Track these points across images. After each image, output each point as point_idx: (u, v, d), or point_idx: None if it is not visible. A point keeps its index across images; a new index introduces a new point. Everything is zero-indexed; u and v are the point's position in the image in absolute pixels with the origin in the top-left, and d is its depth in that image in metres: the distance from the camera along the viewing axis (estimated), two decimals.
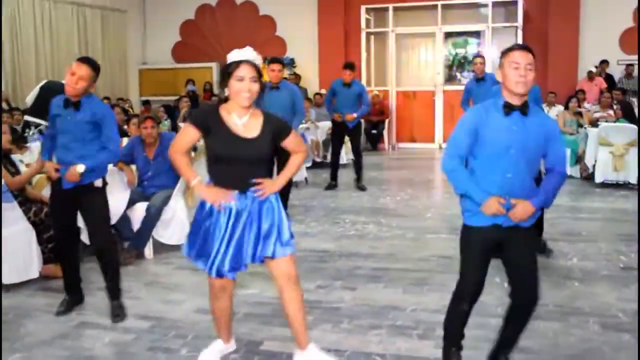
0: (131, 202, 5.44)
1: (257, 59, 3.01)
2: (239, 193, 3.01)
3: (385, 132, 13.16)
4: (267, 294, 4.51)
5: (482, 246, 3.02)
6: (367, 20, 13.46)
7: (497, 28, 13.03)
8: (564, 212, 6.72)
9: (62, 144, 3.99)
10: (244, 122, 3.02)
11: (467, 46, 14.03)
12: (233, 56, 2.99)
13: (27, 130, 6.48)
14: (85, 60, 3.91)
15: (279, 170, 6.18)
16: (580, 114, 9.93)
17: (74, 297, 4.28)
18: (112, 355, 3.54)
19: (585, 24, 12.64)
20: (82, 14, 13.27)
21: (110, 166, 5.62)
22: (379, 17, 13.83)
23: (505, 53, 2.95)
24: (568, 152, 7.99)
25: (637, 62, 12.37)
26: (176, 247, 5.55)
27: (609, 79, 12.18)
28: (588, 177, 8.70)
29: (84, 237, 5.31)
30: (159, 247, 5.51)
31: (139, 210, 5.41)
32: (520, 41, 12.55)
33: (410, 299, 4.34)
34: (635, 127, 8.22)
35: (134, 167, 5.70)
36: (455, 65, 14.09)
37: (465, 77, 14.03)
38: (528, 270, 3.03)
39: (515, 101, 2.90)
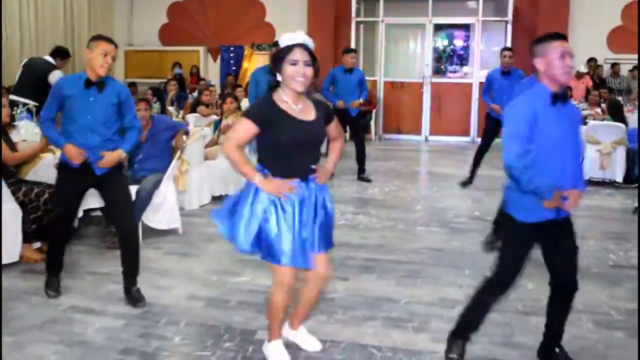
0: None
1: (310, 42, 2.91)
2: (301, 181, 2.94)
3: (372, 122, 13.11)
4: (259, 282, 4.47)
5: (530, 243, 3.06)
6: (357, 9, 13.37)
7: (487, 22, 13.03)
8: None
9: (83, 126, 3.82)
10: (300, 108, 2.96)
11: (452, 40, 14.01)
12: (286, 39, 2.89)
13: (14, 108, 6.33)
14: (111, 40, 3.83)
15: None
16: None
17: (58, 278, 4.19)
18: (103, 341, 3.47)
19: (574, 22, 12.67)
20: None
21: None
22: (369, 7, 13.75)
23: (545, 41, 2.93)
24: None
25: (623, 61, 12.49)
26: (165, 232, 5.49)
27: (598, 77, 12.24)
28: None
29: None
30: (148, 232, 5.42)
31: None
32: (509, 36, 12.60)
33: (404, 291, 4.32)
34: (623, 125, 8.28)
35: None
36: (445, 58, 14.06)
37: (452, 71, 14.05)
38: (570, 259, 3.10)
39: (559, 90, 2.93)
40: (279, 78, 2.92)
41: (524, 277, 4.61)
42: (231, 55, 14.50)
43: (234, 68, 14.36)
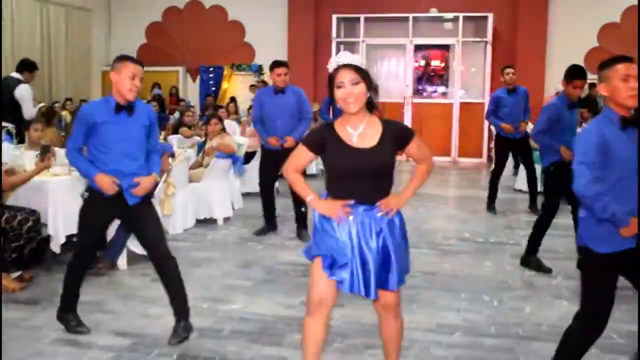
0: None
1: (356, 60, 2.78)
2: (357, 204, 2.80)
3: None
4: (250, 309, 4.34)
5: (614, 273, 2.92)
6: (338, 30, 13.38)
7: (467, 42, 13.13)
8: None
9: (119, 152, 3.63)
10: (360, 132, 2.81)
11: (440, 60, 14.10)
12: (331, 64, 2.80)
13: None
14: (138, 60, 3.67)
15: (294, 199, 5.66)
16: None
17: (76, 313, 3.95)
18: None
19: (552, 43, 12.85)
20: (45, 10, 12.83)
21: None
22: (349, 27, 13.78)
23: (608, 66, 2.86)
24: (538, 168, 7.99)
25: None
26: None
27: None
28: None
29: (53, 246, 5.06)
30: (133, 258, 5.25)
31: None
32: (489, 57, 12.70)
33: None
34: None
35: None
36: (425, 78, 14.13)
37: (432, 91, 14.11)
38: None
39: (628, 114, 2.86)
40: (339, 105, 2.82)
41: (522, 301, 4.60)
42: (210, 75, 14.41)
43: (213, 88, 14.25)
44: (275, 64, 6.27)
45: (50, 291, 4.60)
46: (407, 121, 13.29)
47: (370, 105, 2.83)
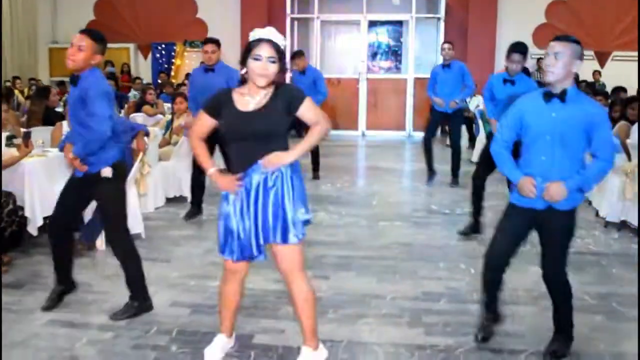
0: None
1: (280, 39, 2.86)
2: (245, 172, 2.91)
3: None
4: None
5: (515, 221, 3.26)
6: (292, 6, 13.34)
7: (420, 18, 13.31)
8: (504, 200, 6.97)
9: (71, 124, 3.72)
10: (257, 101, 2.91)
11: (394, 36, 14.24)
12: (254, 35, 2.86)
13: None
14: (86, 31, 3.60)
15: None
16: None
17: (65, 287, 4.00)
18: (95, 355, 3.31)
19: (502, 19, 13.17)
20: None
21: (56, 152, 5.31)
22: (303, 3, 13.76)
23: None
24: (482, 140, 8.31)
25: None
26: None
27: (525, 71, 12.72)
28: None
29: (30, 228, 4.99)
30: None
31: None
32: (442, 33, 12.92)
33: (387, 287, 4.35)
34: None
35: None
36: (380, 54, 14.27)
37: (383, 68, 14.27)
38: (555, 251, 3.22)
39: (554, 89, 3.05)
40: (243, 71, 2.90)
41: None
42: (163, 52, 14.15)
43: (166, 66, 14.00)
44: (204, 41, 6.25)
45: (32, 273, 4.56)
46: (362, 97, 13.45)
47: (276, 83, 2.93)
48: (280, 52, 2.84)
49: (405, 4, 13.41)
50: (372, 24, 13.79)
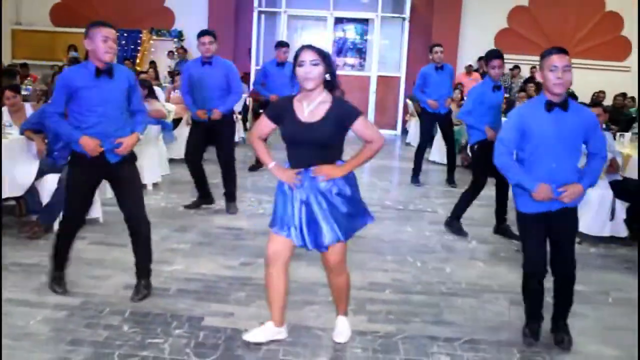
0: (40, 173, 5.20)
1: (319, 44, 3.17)
2: (305, 170, 3.19)
3: None
4: (192, 270, 4.56)
5: (539, 229, 3.45)
6: None
7: (386, 17, 13.54)
8: (456, 198, 7.21)
9: (100, 115, 3.71)
10: (311, 109, 3.15)
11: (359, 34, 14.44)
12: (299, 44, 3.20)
13: None
14: (109, 24, 3.70)
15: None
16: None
17: (63, 273, 4.09)
18: (49, 332, 3.44)
19: (465, 23, 13.49)
20: None
21: (16, 135, 5.37)
22: None
23: (544, 57, 3.32)
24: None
25: (508, 61, 13.40)
26: (87, 221, 5.35)
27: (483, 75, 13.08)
28: (468, 166, 9.32)
29: None
30: None
31: (49, 182, 5.18)
32: (406, 33, 13.17)
33: None
34: None
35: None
36: (345, 51, 14.45)
37: (347, 65, 14.47)
38: (570, 245, 3.48)
39: (556, 99, 3.31)
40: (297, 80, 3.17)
41: (442, 262, 5.04)
42: (128, 39, 14.08)
43: (133, 53, 13.95)
44: (200, 33, 6.06)
45: None
46: None
47: (330, 85, 3.16)
48: (322, 55, 3.10)
49: (371, 2, 13.61)
50: (339, 20, 13.97)
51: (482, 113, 5.70)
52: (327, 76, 3.13)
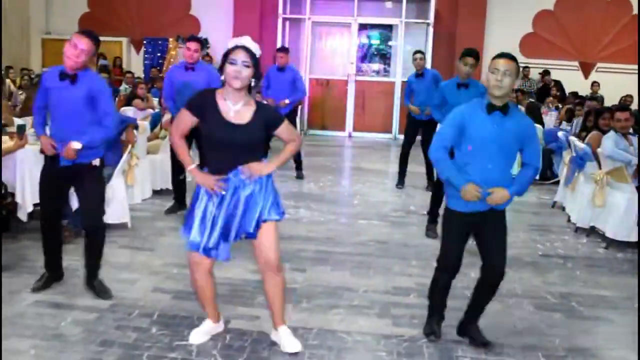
0: None
1: (254, 47, 3.12)
2: (225, 176, 3.17)
3: (297, 118, 13.33)
4: (218, 274, 4.45)
5: (461, 227, 3.46)
6: (284, 6, 13.53)
7: (410, 23, 13.54)
8: None
9: (57, 118, 3.87)
10: (237, 109, 3.15)
11: (383, 40, 14.46)
12: (231, 43, 3.12)
13: None
14: (87, 33, 3.80)
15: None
16: None
17: (54, 274, 4.21)
18: (80, 334, 3.51)
19: (490, 28, 13.43)
20: None
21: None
22: (295, 3, 13.93)
23: (492, 59, 3.30)
24: None
25: (533, 65, 13.36)
26: (115, 226, 5.46)
27: None
28: None
29: (20, 214, 5.17)
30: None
31: None
32: (430, 38, 13.16)
33: (360, 281, 4.57)
34: (540, 126, 8.91)
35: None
36: (369, 57, 14.49)
37: (372, 70, 14.49)
38: (497, 249, 3.46)
39: (497, 102, 3.26)
40: (223, 77, 3.14)
41: (466, 267, 5.02)
42: (155, 47, 14.29)
43: (160, 61, 14.15)
44: (188, 39, 6.17)
45: (20, 257, 4.73)
46: (350, 98, 13.67)
47: (249, 89, 3.19)
48: (254, 59, 3.10)
49: (395, 8, 13.64)
50: (363, 26, 14.01)
51: (448, 109, 5.78)
52: (253, 81, 3.14)
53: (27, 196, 5.06)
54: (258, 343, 3.51)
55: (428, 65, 13.25)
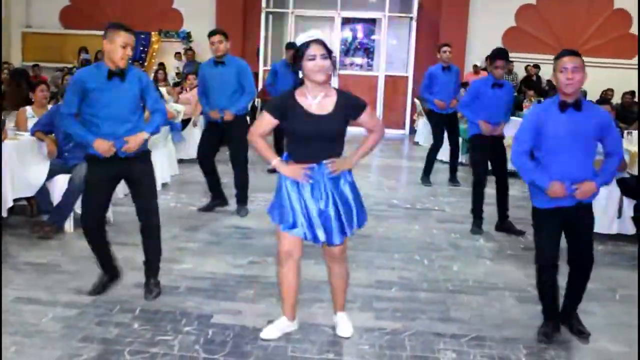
0: (51, 174, 5.27)
1: (325, 38, 3.17)
2: (315, 165, 3.22)
3: None
4: (201, 269, 4.60)
5: (550, 223, 3.54)
6: (267, 0, 13.48)
7: (393, 17, 13.56)
8: (463, 196, 7.25)
9: (110, 116, 3.76)
10: (317, 102, 3.19)
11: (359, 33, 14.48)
12: (302, 39, 3.17)
13: None
14: (130, 29, 3.75)
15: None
16: None
17: (111, 274, 4.15)
18: (61, 330, 3.49)
19: (473, 21, 13.48)
20: None
21: (27, 135, 5.44)
22: None
23: (556, 59, 3.41)
24: (460, 140, 8.54)
25: (516, 60, 13.42)
26: None
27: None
28: None
29: (2, 210, 5.11)
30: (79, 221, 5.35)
31: (60, 183, 5.25)
32: (414, 32, 13.17)
33: None
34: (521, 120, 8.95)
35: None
36: (352, 50, 14.49)
37: (355, 65, 14.50)
38: (587, 240, 3.55)
39: (568, 99, 3.40)
40: (301, 75, 3.20)
41: (449, 260, 5.07)
42: (137, 41, 14.14)
43: (142, 55, 14.04)
44: (209, 33, 6.06)
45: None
46: None
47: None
48: (328, 49, 3.15)
49: (378, 2, 13.64)
50: (346, 20, 14.00)
51: (478, 108, 5.84)
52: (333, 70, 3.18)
53: (9, 191, 5.00)
54: (240, 337, 3.51)
55: (411, 61, 13.41)
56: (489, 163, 5.96)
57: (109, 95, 3.74)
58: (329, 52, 3.15)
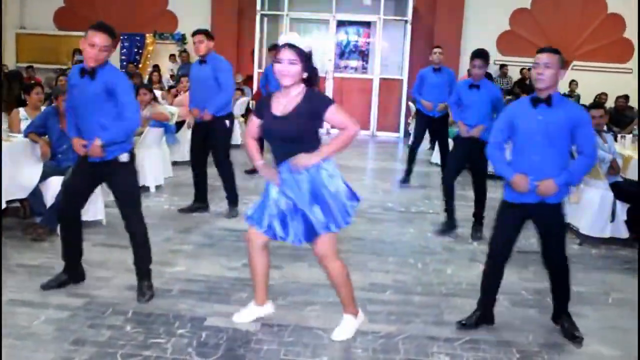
0: (44, 176, 5.24)
1: (301, 43, 3.17)
2: (279, 166, 3.33)
3: None
4: (194, 271, 4.59)
5: (509, 218, 3.62)
6: (262, 2, 13.47)
7: (388, 20, 13.58)
8: (457, 200, 7.22)
9: (81, 116, 3.80)
10: (284, 103, 3.25)
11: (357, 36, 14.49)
12: (281, 40, 3.21)
13: None
14: (107, 30, 3.70)
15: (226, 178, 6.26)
16: None
17: (73, 274, 4.16)
18: (53, 332, 3.47)
19: (468, 25, 13.50)
20: None
21: (20, 137, 5.41)
22: (273, 0, 13.89)
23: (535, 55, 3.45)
24: (451, 143, 8.54)
25: (511, 63, 13.47)
26: (90, 224, 5.40)
27: (488, 77, 13.09)
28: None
29: None
30: None
31: (53, 184, 5.22)
32: (408, 35, 13.19)
33: None
34: None
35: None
36: (347, 53, 14.49)
37: (350, 67, 14.51)
38: (554, 240, 3.63)
39: (540, 95, 3.46)
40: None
41: (443, 263, 5.07)
42: (132, 43, 14.14)
43: (137, 57, 14.02)
44: (192, 33, 6.14)
45: None
46: (328, 94, 13.63)
47: (309, 82, 3.24)
48: (302, 55, 3.14)
49: (373, 5, 13.64)
50: (341, 23, 14.01)
51: (462, 109, 5.92)
52: (305, 75, 3.18)
53: (2, 193, 4.96)
54: (233, 340, 3.50)
55: (406, 64, 13.42)
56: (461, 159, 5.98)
57: (78, 92, 3.80)
58: (301, 58, 3.13)
